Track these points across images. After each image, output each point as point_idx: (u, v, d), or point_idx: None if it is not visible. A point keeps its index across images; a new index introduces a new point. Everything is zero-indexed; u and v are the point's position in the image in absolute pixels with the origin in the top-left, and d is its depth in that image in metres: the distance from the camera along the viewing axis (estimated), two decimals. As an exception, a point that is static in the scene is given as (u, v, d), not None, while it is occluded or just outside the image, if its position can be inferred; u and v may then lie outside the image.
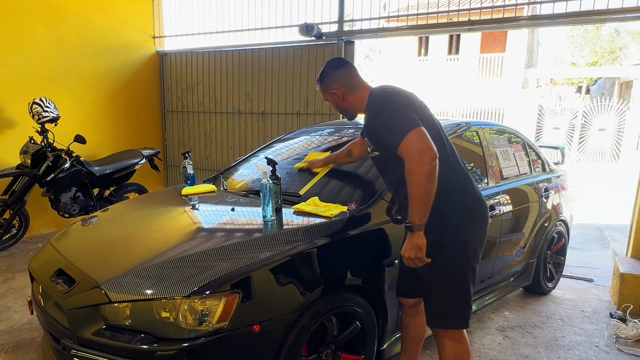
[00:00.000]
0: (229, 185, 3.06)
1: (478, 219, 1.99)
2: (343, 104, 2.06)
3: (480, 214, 2.00)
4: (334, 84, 2.03)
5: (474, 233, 1.97)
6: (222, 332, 1.69)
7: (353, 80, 2.03)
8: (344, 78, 2.02)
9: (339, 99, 2.05)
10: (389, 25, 6.04)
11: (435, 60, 16.64)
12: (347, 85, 2.02)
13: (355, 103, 2.03)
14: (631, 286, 3.51)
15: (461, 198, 1.95)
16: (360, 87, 2.02)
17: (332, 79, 2.03)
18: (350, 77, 2.02)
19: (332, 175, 2.67)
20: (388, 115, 1.83)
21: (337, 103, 2.08)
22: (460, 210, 1.94)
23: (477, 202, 2.00)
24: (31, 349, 2.74)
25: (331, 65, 2.06)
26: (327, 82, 2.05)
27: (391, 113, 1.83)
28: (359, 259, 2.15)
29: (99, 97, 5.67)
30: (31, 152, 4.39)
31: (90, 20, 5.45)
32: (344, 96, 2.03)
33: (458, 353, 2.00)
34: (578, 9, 3.82)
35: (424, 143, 1.71)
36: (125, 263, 1.95)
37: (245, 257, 1.88)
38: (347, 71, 2.03)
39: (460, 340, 2.01)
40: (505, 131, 3.54)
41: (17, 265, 4.18)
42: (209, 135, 6.14)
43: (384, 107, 1.87)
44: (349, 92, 2.02)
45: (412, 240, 1.79)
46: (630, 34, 23.60)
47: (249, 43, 5.59)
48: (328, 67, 2.06)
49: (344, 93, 2.03)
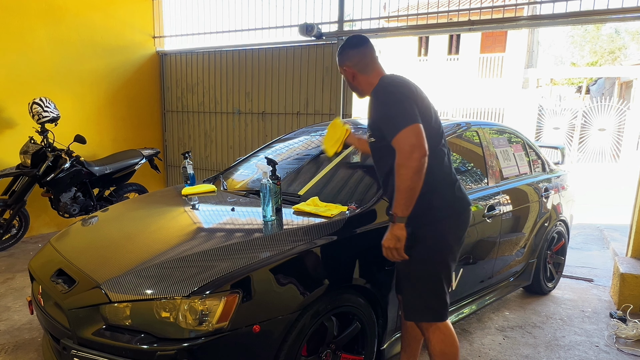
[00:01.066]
0: (229, 185, 3.06)
1: (456, 217, 2.03)
2: (353, 81, 2.11)
3: (459, 212, 2.04)
4: (347, 60, 2.08)
5: (452, 230, 2.02)
6: (222, 332, 1.69)
7: (367, 61, 2.06)
8: (358, 58, 2.06)
9: (349, 76, 2.10)
10: (389, 25, 6.04)
11: (435, 60, 16.64)
12: (359, 66, 2.05)
13: (363, 84, 2.08)
14: (631, 286, 3.51)
15: (443, 196, 2.00)
16: (373, 70, 2.06)
17: (347, 56, 2.08)
18: (364, 58, 2.06)
19: (332, 175, 2.67)
20: (391, 105, 1.88)
21: (348, 79, 2.13)
22: (439, 207, 1.98)
23: (459, 200, 2.04)
24: (31, 349, 2.74)
25: (349, 43, 2.10)
26: (342, 58, 2.10)
27: (394, 103, 1.87)
28: (359, 259, 2.15)
29: (99, 97, 5.67)
30: (31, 152, 4.39)
31: (90, 20, 5.45)
32: (354, 75, 2.08)
33: (444, 345, 2.03)
34: (578, 9, 3.82)
35: (417, 140, 1.77)
36: (125, 263, 1.95)
37: (245, 257, 1.88)
38: (362, 51, 2.06)
39: (444, 332, 2.04)
40: (505, 131, 3.54)
41: (17, 265, 4.18)
42: (209, 135, 6.14)
43: (389, 96, 1.91)
44: (359, 72, 2.06)
45: (393, 230, 1.86)
46: (630, 34, 23.61)
47: (249, 43, 5.59)
48: (347, 43, 2.11)
49: (354, 72, 2.07)
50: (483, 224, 2.85)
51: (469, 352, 2.85)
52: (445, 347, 2.03)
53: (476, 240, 2.83)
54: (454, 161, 2.95)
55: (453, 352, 2.05)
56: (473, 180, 3.01)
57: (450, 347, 2.04)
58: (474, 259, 2.85)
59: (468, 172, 3.01)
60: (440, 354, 2.04)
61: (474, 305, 3.00)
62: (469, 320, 3.29)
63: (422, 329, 2.08)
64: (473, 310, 3.01)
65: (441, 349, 2.03)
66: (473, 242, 2.80)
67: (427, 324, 2.05)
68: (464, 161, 3.02)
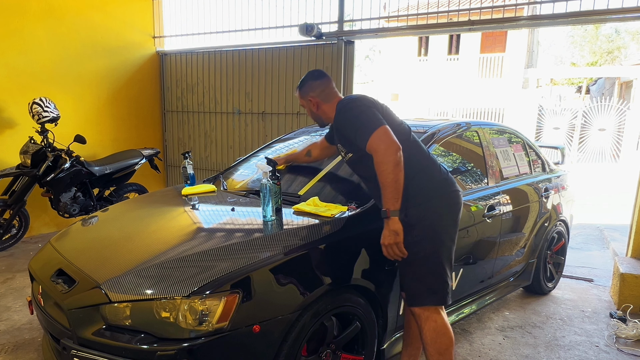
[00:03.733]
0: (229, 185, 3.06)
1: (445, 195, 2.12)
2: (317, 111, 2.29)
3: (446, 191, 2.13)
4: (311, 91, 2.27)
5: (444, 210, 2.11)
6: (222, 332, 1.69)
7: (328, 91, 2.27)
8: (321, 88, 2.26)
9: (313, 106, 2.28)
10: (389, 25, 6.04)
11: (435, 60, 16.63)
12: (322, 95, 2.26)
13: (327, 112, 2.27)
14: (631, 286, 3.51)
15: (427, 178, 2.12)
16: (333, 98, 2.26)
17: (311, 87, 2.27)
18: (326, 88, 2.26)
19: (332, 175, 2.68)
20: (355, 118, 2.06)
21: (312, 110, 2.31)
22: (424, 190, 2.09)
23: (442, 181, 2.15)
24: (31, 349, 2.74)
25: (312, 76, 2.30)
26: (306, 89, 2.28)
27: (357, 115, 2.05)
28: (359, 259, 2.15)
29: (99, 97, 5.67)
30: (31, 152, 4.39)
31: (90, 20, 5.45)
32: (318, 104, 2.27)
33: (436, 334, 2.05)
34: (578, 9, 3.81)
35: (387, 137, 1.94)
36: (125, 263, 1.95)
37: (245, 257, 1.88)
38: (324, 82, 2.27)
39: (437, 321, 2.06)
40: (505, 131, 3.54)
41: (17, 265, 4.18)
42: (209, 135, 6.14)
43: (351, 111, 2.09)
44: (323, 101, 2.26)
45: (389, 226, 1.96)
46: (630, 34, 23.60)
47: (249, 43, 5.59)
48: (309, 76, 2.30)
49: (318, 102, 2.26)
50: (483, 224, 2.85)
51: (469, 352, 2.85)
52: (436, 336, 2.05)
53: (476, 240, 2.83)
54: (454, 161, 2.96)
55: (445, 342, 2.06)
56: (473, 180, 3.01)
57: (442, 337, 2.06)
58: (474, 259, 2.85)
59: (468, 172, 3.01)
60: (431, 342, 2.06)
61: (474, 305, 3.00)
62: (469, 320, 3.29)
63: (417, 317, 2.10)
64: (473, 310, 3.01)
65: (432, 337, 2.05)
66: (473, 242, 2.81)
67: (422, 312, 2.07)
68: (464, 161, 3.02)
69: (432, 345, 2.06)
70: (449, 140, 2.90)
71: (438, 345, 2.05)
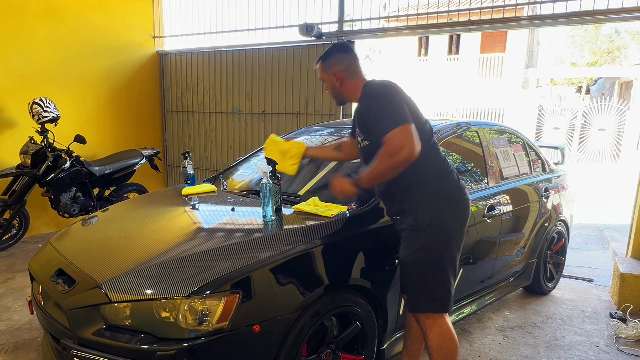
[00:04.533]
0: (229, 185, 3.06)
1: (456, 203, 2.07)
2: (340, 87, 2.12)
3: (457, 199, 2.07)
4: (336, 64, 2.09)
5: (451, 217, 2.04)
6: (222, 332, 1.69)
7: (354, 67, 2.10)
8: (348, 62, 2.09)
9: (336, 81, 2.11)
10: (389, 25, 6.04)
11: (435, 60, 16.63)
12: (349, 70, 2.09)
13: (351, 89, 2.10)
14: (631, 286, 3.51)
15: (437, 183, 2.04)
16: (359, 76, 2.10)
17: (336, 60, 2.10)
18: (353, 63, 2.10)
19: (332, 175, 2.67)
20: (382, 106, 1.90)
21: (334, 85, 2.13)
22: (436, 195, 2.02)
23: (455, 189, 2.08)
24: (31, 349, 2.74)
25: (338, 47, 2.14)
26: (330, 62, 2.11)
27: (385, 104, 1.90)
28: (359, 259, 2.15)
29: (99, 97, 5.67)
30: (31, 152, 4.39)
31: (90, 20, 5.45)
32: (342, 79, 2.10)
33: (442, 340, 2.03)
34: (578, 9, 3.81)
35: (407, 139, 1.80)
36: (125, 263, 1.95)
37: (245, 257, 1.88)
38: (351, 57, 2.10)
39: (442, 326, 2.04)
40: (505, 131, 3.54)
41: (17, 265, 4.18)
42: (209, 135, 6.14)
43: (379, 98, 1.93)
44: (348, 77, 2.09)
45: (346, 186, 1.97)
46: (630, 34, 23.59)
47: (249, 43, 5.59)
48: (335, 47, 2.14)
49: (343, 77, 2.09)
50: (483, 224, 2.85)
51: (469, 352, 2.85)
52: (442, 342, 2.03)
53: (476, 240, 2.83)
54: (454, 161, 2.96)
55: (451, 347, 2.05)
56: (473, 180, 3.01)
57: (447, 342, 2.04)
58: (474, 259, 2.85)
59: (468, 172, 3.01)
60: (437, 348, 2.04)
61: (474, 305, 3.00)
62: (469, 320, 3.29)
63: (421, 323, 2.08)
64: (473, 310, 3.01)
65: (438, 342, 2.03)
66: (473, 242, 2.80)
67: (426, 318, 2.05)
68: (464, 161, 3.02)
69: (437, 352, 2.04)
70: (449, 140, 2.90)
71: (444, 350, 2.04)
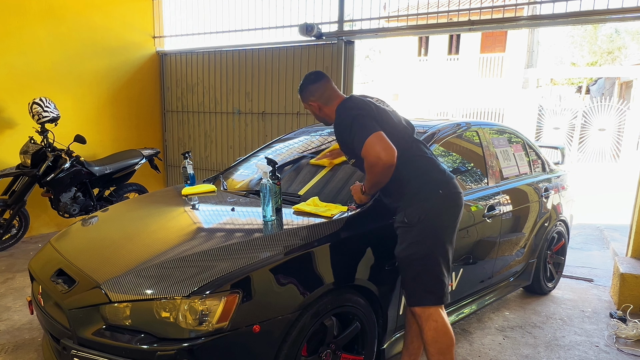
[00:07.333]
0: (229, 185, 3.06)
1: (445, 196, 2.11)
2: (320, 113, 2.31)
3: (446, 192, 2.12)
4: (311, 96, 2.28)
5: (443, 211, 2.11)
6: (222, 332, 1.69)
7: (328, 93, 2.26)
8: (320, 92, 2.26)
9: (316, 108, 2.29)
10: (389, 25, 6.04)
11: (435, 60, 16.63)
12: (323, 98, 2.26)
13: (329, 114, 2.27)
14: (631, 286, 3.51)
15: (423, 179, 2.13)
16: (334, 100, 2.25)
17: (310, 92, 2.28)
18: (325, 91, 2.26)
19: (332, 175, 2.67)
20: (350, 126, 2.06)
21: (315, 112, 2.33)
22: (424, 190, 2.10)
23: (443, 182, 2.14)
24: (31, 349, 2.74)
25: (309, 79, 2.30)
26: (306, 95, 2.30)
27: (351, 124, 2.06)
28: (359, 259, 2.15)
29: (99, 97, 5.67)
30: (31, 152, 4.39)
31: (90, 20, 5.45)
32: (320, 107, 2.28)
33: (437, 334, 2.06)
34: (578, 9, 3.81)
35: (381, 144, 1.95)
36: (125, 263, 1.95)
37: (245, 257, 1.88)
38: (322, 85, 2.26)
39: (437, 320, 2.07)
40: (505, 131, 3.54)
41: (17, 265, 4.18)
42: (209, 135, 6.14)
43: (345, 120, 2.10)
44: (324, 105, 2.26)
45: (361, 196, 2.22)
46: (630, 34, 23.57)
47: (249, 43, 5.58)
48: (306, 80, 2.31)
49: (320, 105, 2.27)
50: (483, 224, 2.85)
51: (469, 352, 2.85)
52: (437, 335, 2.06)
53: (476, 240, 2.83)
54: (454, 161, 2.96)
55: (446, 341, 2.07)
56: (473, 180, 3.01)
57: (442, 336, 2.07)
58: (474, 259, 2.85)
59: (468, 172, 3.01)
60: (432, 342, 2.07)
61: (474, 305, 3.00)
62: (469, 320, 3.29)
63: (417, 317, 2.11)
64: (473, 310, 3.01)
65: (433, 336, 2.06)
66: (473, 242, 2.81)
67: (422, 312, 2.08)
68: (464, 161, 3.02)
69: (433, 345, 2.07)
70: (449, 140, 2.90)
71: (439, 345, 2.06)
